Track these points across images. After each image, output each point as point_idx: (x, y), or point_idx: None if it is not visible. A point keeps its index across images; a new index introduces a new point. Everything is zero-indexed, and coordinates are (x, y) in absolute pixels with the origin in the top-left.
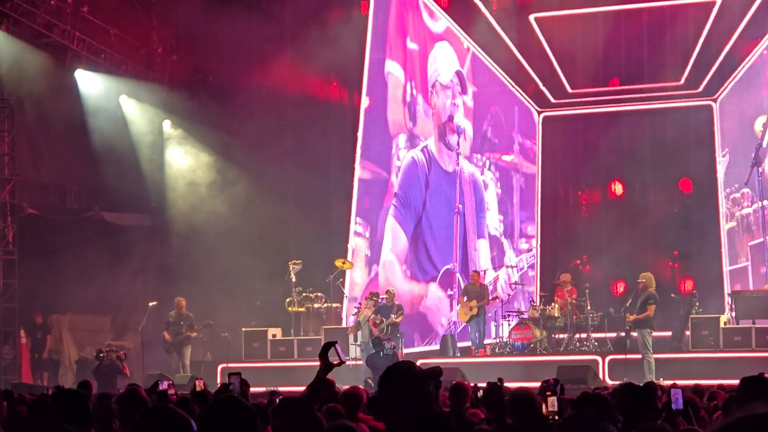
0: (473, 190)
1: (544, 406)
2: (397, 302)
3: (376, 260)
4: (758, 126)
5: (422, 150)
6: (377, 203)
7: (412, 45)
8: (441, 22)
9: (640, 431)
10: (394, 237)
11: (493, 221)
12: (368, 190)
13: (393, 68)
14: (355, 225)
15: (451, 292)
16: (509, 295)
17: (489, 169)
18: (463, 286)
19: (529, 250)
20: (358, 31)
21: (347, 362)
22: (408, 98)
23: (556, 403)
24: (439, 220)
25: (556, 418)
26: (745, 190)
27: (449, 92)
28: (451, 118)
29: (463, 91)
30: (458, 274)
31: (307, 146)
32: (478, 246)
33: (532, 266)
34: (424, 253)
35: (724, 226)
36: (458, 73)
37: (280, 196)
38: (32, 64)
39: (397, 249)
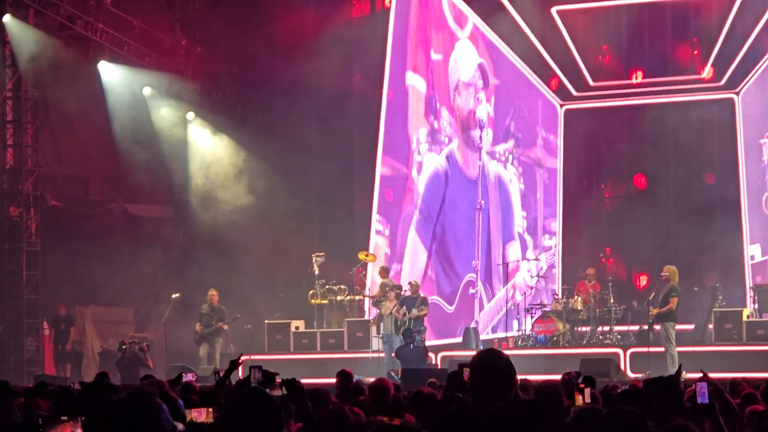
0: (498, 189)
1: (579, 397)
2: (422, 294)
3: (397, 258)
4: None
5: (446, 157)
6: (398, 197)
7: (436, 56)
8: (463, 17)
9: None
10: (413, 255)
11: (517, 218)
12: (389, 185)
13: (413, 73)
14: (376, 223)
15: (473, 291)
16: (531, 287)
17: (512, 163)
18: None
19: (549, 249)
20: (382, 24)
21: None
22: (430, 93)
23: (589, 396)
24: (462, 228)
25: None
26: None
27: (471, 89)
28: (473, 113)
29: (485, 85)
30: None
31: (330, 139)
32: (509, 248)
33: (552, 265)
34: (446, 263)
35: (746, 218)
36: (480, 66)
37: (303, 188)
38: (55, 55)
39: (417, 268)
